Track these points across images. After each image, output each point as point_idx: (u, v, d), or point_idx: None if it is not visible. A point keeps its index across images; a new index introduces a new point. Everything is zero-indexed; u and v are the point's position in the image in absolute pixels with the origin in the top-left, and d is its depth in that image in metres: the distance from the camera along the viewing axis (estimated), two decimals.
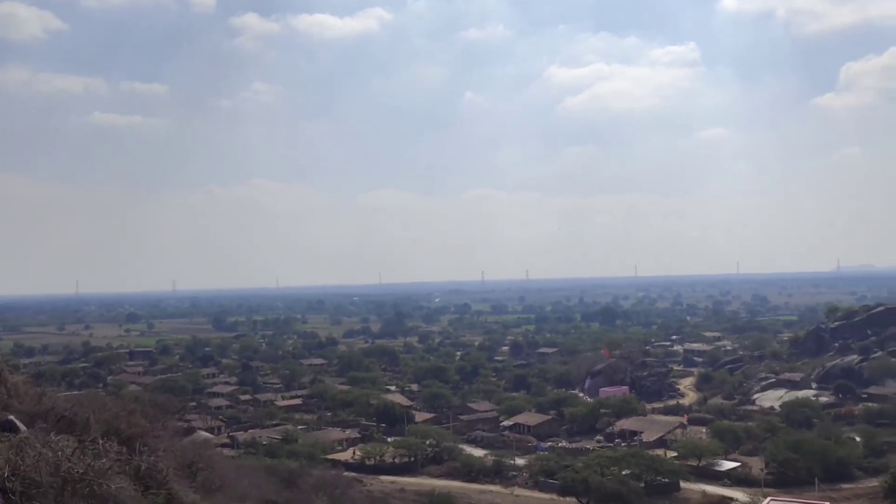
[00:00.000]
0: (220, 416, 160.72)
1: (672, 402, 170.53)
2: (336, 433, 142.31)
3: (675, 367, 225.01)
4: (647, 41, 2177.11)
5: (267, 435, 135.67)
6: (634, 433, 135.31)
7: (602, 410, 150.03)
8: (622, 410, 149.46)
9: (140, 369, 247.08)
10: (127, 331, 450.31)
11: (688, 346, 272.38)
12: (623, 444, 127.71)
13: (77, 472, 22.80)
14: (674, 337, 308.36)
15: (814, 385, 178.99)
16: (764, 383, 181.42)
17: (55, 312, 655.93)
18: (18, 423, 27.62)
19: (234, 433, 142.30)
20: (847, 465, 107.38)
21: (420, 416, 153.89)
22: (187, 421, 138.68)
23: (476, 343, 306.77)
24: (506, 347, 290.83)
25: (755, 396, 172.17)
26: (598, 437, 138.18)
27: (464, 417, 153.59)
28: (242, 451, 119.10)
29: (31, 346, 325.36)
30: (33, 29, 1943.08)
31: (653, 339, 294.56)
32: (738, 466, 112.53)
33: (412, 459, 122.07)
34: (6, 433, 27.13)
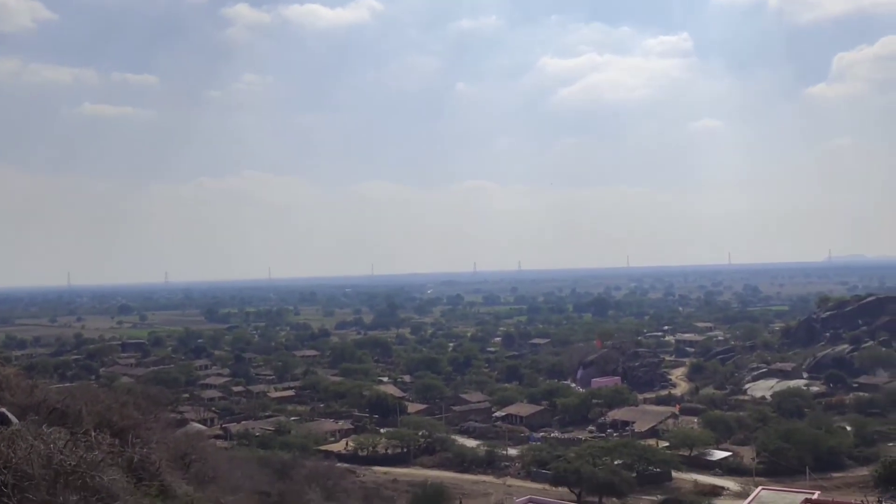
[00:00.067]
0: (213, 408, 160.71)
1: (664, 393, 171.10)
2: (329, 424, 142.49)
3: (667, 358, 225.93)
4: (640, 31, 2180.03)
5: (260, 426, 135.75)
6: (626, 423, 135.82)
7: (594, 401, 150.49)
8: (614, 401, 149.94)
9: (132, 361, 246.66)
10: (119, 323, 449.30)
11: (679, 336, 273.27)
12: (615, 435, 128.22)
13: (69, 465, 22.73)
14: (666, 327, 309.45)
15: (805, 375, 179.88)
16: (755, 373, 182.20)
17: (47, 304, 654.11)
18: (10, 416, 27.53)
19: (226, 425, 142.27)
20: (838, 454, 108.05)
21: (413, 407, 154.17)
22: (180, 412, 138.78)
23: (468, 334, 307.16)
24: (498, 338, 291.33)
25: (746, 386, 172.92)
26: (590, 428, 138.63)
27: (456, 408, 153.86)
28: (235, 443, 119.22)
29: (23, 338, 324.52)
30: (23, 19, 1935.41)
31: (645, 330, 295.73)
32: (730, 456, 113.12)
33: (405, 450, 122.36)
34: None
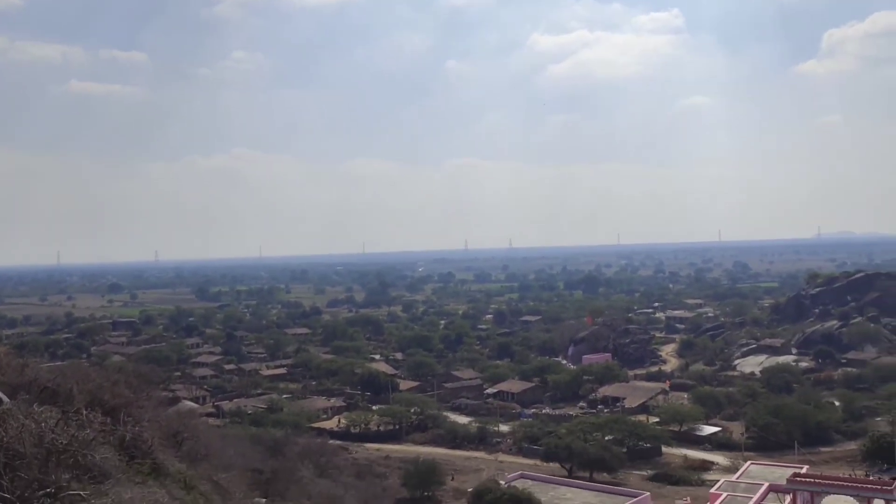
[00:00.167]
0: (205, 386, 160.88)
1: (654, 369, 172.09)
2: (321, 402, 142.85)
3: (658, 335, 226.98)
4: (631, 7, 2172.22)
5: (252, 404, 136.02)
6: (617, 399, 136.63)
7: (585, 377, 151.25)
8: (605, 377, 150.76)
9: (124, 340, 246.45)
10: (110, 301, 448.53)
11: (670, 313, 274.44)
12: (606, 411, 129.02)
13: (61, 443, 22.75)
14: (656, 304, 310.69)
15: (794, 350, 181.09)
16: (745, 349, 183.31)
17: (37, 283, 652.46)
18: (1, 395, 27.52)
19: (219, 403, 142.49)
20: (826, 429, 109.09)
21: (404, 385, 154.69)
22: (172, 391, 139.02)
23: (460, 312, 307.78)
24: (489, 316, 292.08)
25: (736, 362, 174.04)
26: (581, 404, 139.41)
27: (448, 385, 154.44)
28: (227, 421, 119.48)
29: (13, 317, 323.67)
30: None
31: (635, 307, 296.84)
32: (719, 431, 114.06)
33: (397, 427, 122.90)
34: None
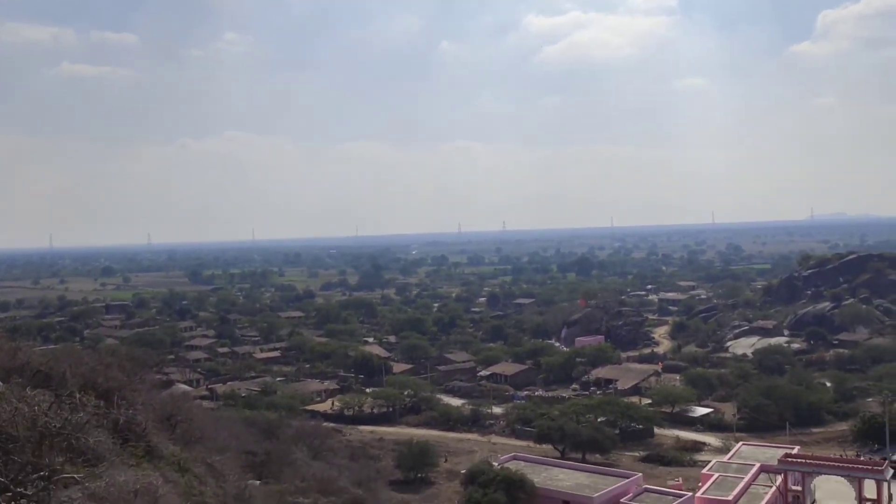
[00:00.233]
0: (199, 369, 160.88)
1: (647, 351, 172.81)
2: (315, 385, 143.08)
3: (650, 317, 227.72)
4: None
5: (246, 387, 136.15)
6: (609, 381, 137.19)
7: (578, 359, 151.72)
8: (597, 359, 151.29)
9: (117, 323, 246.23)
10: (102, 285, 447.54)
11: (663, 295, 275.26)
12: (598, 392, 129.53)
13: (54, 426, 22.77)
14: (649, 286, 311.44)
15: (786, 332, 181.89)
16: (737, 331, 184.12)
17: (29, 266, 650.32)
18: None
19: (212, 385, 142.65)
20: (818, 409, 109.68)
21: (398, 367, 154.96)
22: (166, 374, 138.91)
23: (453, 294, 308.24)
24: (483, 299, 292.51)
25: (728, 344, 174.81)
26: (573, 386, 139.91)
27: (441, 368, 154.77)
28: (221, 404, 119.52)
29: (6, 300, 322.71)
30: None
31: (628, 289, 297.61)
32: (711, 412, 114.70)
33: (391, 409, 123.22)
34: None
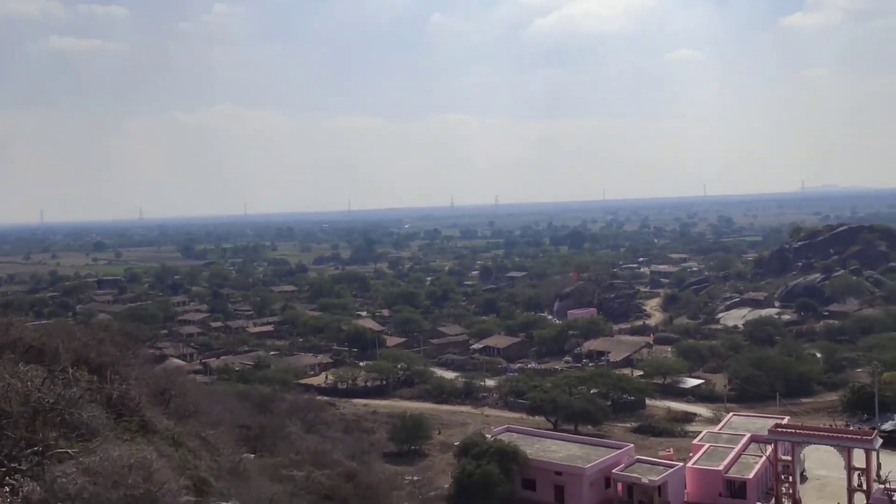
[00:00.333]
0: (192, 344, 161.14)
1: (638, 323, 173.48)
2: (308, 358, 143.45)
3: (642, 289, 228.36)
4: None
5: (239, 361, 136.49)
6: (602, 353, 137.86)
7: (570, 332, 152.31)
8: (590, 331, 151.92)
9: (109, 298, 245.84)
10: (94, 259, 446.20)
11: (654, 267, 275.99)
12: (590, 365, 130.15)
13: (47, 402, 22.83)
14: (641, 259, 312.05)
15: (777, 303, 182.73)
16: (728, 303, 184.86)
17: (20, 242, 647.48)
18: None
19: (206, 360, 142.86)
20: (808, 380, 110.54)
21: (391, 341, 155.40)
22: (159, 349, 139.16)
23: (446, 268, 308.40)
24: (475, 272, 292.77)
25: (720, 316, 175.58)
26: (566, 358, 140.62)
27: (435, 341, 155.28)
28: (215, 378, 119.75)
29: None
30: None
31: (620, 262, 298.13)
32: (702, 383, 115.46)
33: (384, 383, 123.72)
34: None
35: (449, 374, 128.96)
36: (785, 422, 77.10)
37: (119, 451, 22.89)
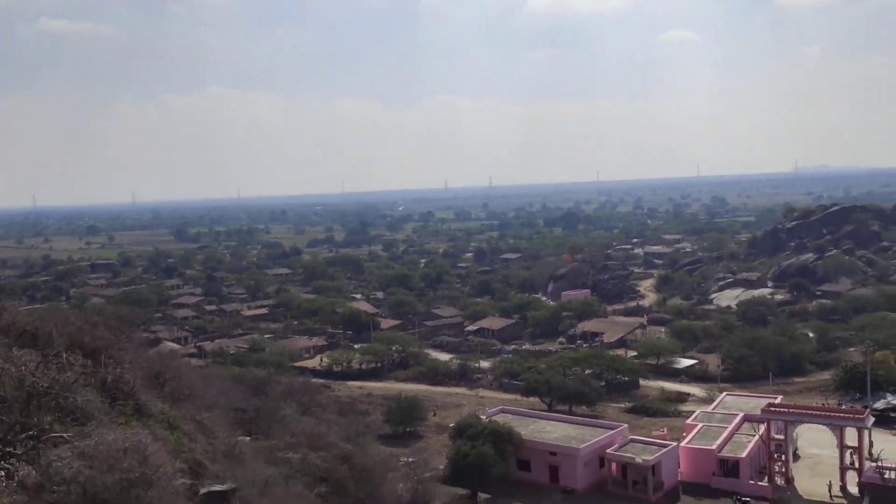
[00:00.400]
0: (187, 327, 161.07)
1: (632, 304, 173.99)
2: (303, 341, 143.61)
3: (636, 270, 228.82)
4: None
5: (234, 344, 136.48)
6: (596, 334, 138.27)
7: (564, 313, 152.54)
8: (584, 313, 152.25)
9: (103, 282, 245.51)
10: (87, 244, 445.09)
11: (648, 248, 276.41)
12: (585, 346, 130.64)
13: (42, 386, 22.82)
14: (635, 240, 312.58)
15: (770, 284, 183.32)
16: (721, 283, 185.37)
17: (13, 226, 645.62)
18: None
19: (200, 343, 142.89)
20: (800, 359, 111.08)
21: (386, 323, 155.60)
22: (153, 332, 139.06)
23: (440, 250, 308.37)
24: (469, 254, 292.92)
25: (713, 296, 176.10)
26: (560, 339, 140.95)
27: (429, 323, 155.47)
28: (210, 361, 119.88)
29: None
30: None
31: (614, 243, 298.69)
32: (696, 364, 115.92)
33: (379, 365, 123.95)
34: None
35: (443, 356, 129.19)
36: (778, 401, 77.56)
37: (114, 434, 22.92)
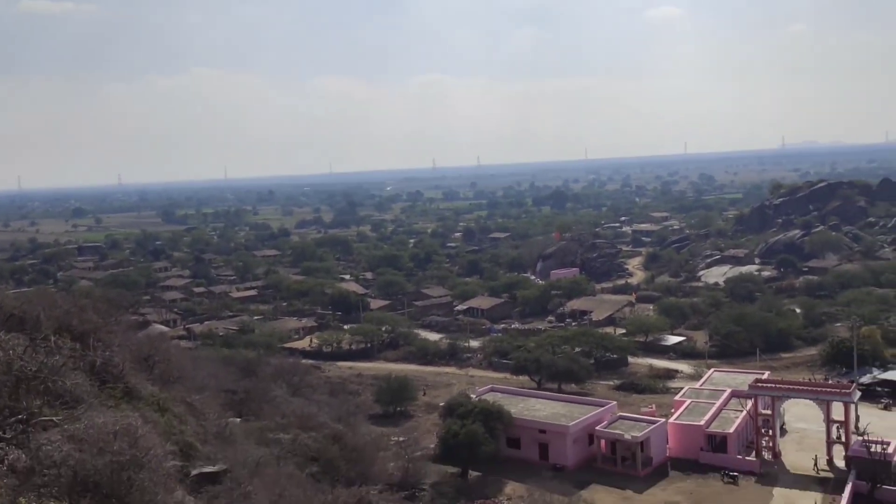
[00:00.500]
0: (175, 309, 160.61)
1: (621, 282, 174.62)
2: (292, 322, 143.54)
3: (624, 248, 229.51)
4: None
5: (223, 326, 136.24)
6: (585, 313, 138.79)
7: (553, 292, 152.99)
8: (573, 291, 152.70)
9: (90, 264, 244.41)
10: (74, 226, 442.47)
11: (636, 226, 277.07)
12: (574, 324, 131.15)
13: (30, 370, 22.74)
14: (623, 218, 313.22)
15: (757, 260, 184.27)
16: (709, 260, 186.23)
17: None
18: None
19: (189, 325, 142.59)
20: (787, 335, 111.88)
21: (375, 304, 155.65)
22: (142, 315, 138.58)
23: (429, 230, 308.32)
24: (458, 234, 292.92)
25: (701, 273, 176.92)
26: (549, 318, 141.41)
27: (418, 303, 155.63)
28: (199, 343, 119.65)
29: None
30: None
31: (602, 221, 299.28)
32: (684, 340, 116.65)
33: (369, 345, 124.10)
34: None
35: (433, 336, 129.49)
36: (765, 377, 78.17)
37: (104, 417, 22.91)
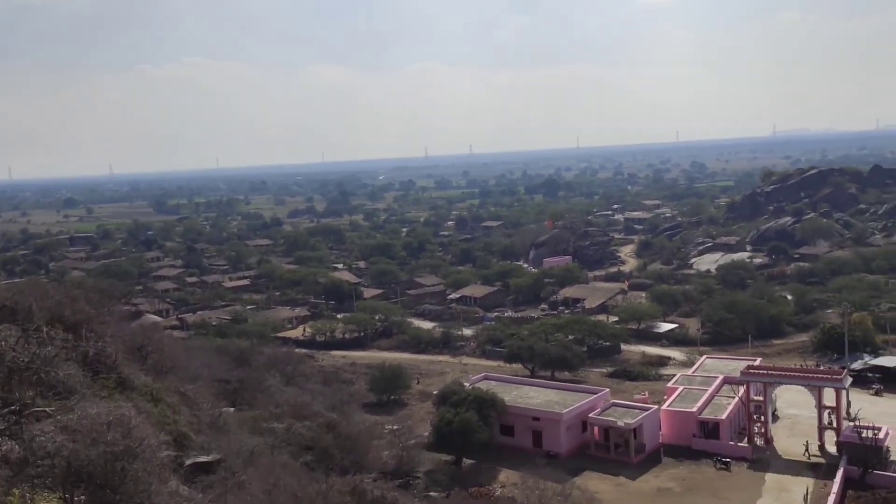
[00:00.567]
0: (168, 299, 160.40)
1: (613, 270, 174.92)
2: (285, 312, 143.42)
3: (617, 236, 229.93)
4: None
5: (216, 316, 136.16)
6: (577, 300, 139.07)
7: (546, 280, 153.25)
8: (565, 279, 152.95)
9: (82, 255, 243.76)
10: (65, 217, 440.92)
11: (628, 214, 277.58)
12: (566, 312, 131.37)
13: (23, 361, 22.72)
14: (615, 206, 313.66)
15: (749, 247, 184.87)
16: (701, 248, 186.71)
17: None
18: None
19: (182, 315, 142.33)
20: (779, 322, 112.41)
21: (368, 293, 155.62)
22: (134, 305, 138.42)
23: (421, 219, 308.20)
24: (451, 222, 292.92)
25: (692, 260, 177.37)
26: (542, 306, 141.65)
27: (411, 292, 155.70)
28: (192, 333, 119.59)
29: None
30: None
31: (595, 209, 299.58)
32: (676, 328, 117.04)
33: (362, 334, 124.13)
34: None
35: (426, 325, 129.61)
36: (757, 363, 78.54)
37: (97, 408, 22.90)
